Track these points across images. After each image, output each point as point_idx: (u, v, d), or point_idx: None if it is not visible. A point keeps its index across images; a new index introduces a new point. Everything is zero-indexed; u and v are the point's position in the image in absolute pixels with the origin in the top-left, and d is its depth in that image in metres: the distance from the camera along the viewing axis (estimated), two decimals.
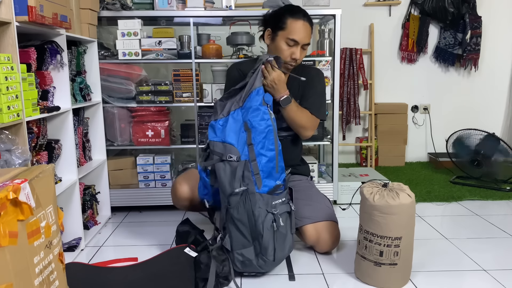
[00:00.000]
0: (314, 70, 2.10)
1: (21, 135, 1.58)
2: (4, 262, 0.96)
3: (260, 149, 1.68)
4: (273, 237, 1.67)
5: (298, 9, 1.89)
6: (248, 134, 1.69)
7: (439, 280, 1.72)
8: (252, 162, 1.67)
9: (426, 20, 3.62)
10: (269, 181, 1.70)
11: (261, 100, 1.72)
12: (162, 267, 1.80)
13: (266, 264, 1.70)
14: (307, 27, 1.86)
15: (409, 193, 1.63)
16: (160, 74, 3.18)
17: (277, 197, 1.71)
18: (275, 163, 1.71)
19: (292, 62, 1.89)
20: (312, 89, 2.00)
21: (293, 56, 1.86)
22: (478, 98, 3.81)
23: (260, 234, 1.64)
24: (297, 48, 1.85)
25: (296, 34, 1.83)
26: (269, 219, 1.66)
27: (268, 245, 1.66)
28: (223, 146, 1.69)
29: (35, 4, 1.56)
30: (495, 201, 2.73)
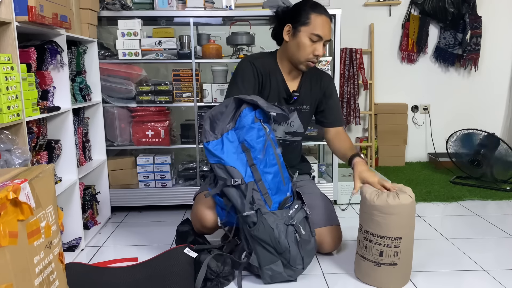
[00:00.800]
0: (326, 75, 2.04)
1: (21, 135, 1.58)
2: (4, 262, 0.96)
3: (263, 168, 1.65)
4: (299, 247, 1.65)
5: (320, 4, 1.85)
6: (247, 154, 1.65)
7: (439, 280, 1.72)
8: (259, 183, 1.63)
9: (426, 20, 3.62)
10: (279, 197, 1.69)
11: (252, 117, 1.66)
12: (162, 268, 1.79)
13: (296, 273, 1.69)
14: (329, 23, 1.82)
15: (409, 194, 1.63)
16: (160, 74, 3.18)
17: (290, 208, 1.69)
18: (280, 176, 1.70)
19: (314, 59, 1.83)
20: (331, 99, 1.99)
21: (315, 52, 1.80)
22: (478, 98, 3.81)
23: (287, 249, 1.62)
24: (319, 44, 1.80)
25: (321, 29, 1.78)
26: (291, 232, 1.64)
27: (296, 256, 1.65)
28: (225, 170, 1.64)
29: (35, 4, 1.56)
30: (495, 201, 2.73)
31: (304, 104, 1.97)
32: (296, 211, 1.69)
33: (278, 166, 1.70)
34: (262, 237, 1.61)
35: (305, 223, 1.71)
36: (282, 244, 1.61)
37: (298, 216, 1.69)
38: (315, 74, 1.99)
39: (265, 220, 1.60)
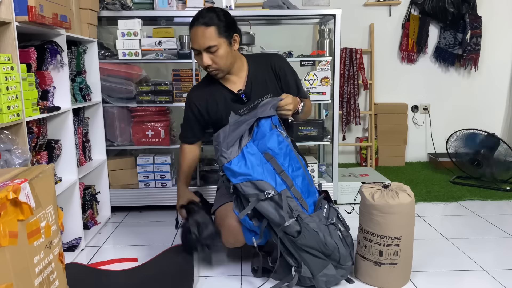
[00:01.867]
0: (273, 57, 1.97)
1: (21, 135, 1.58)
2: (4, 262, 0.96)
3: (292, 172, 1.63)
4: (346, 243, 1.65)
5: (196, 15, 1.77)
6: (273, 162, 1.61)
7: (439, 280, 1.72)
8: (291, 189, 1.61)
9: (426, 20, 3.62)
10: (311, 199, 1.69)
11: (269, 124, 1.64)
12: (161, 268, 1.80)
13: (347, 271, 1.68)
14: (202, 30, 1.71)
15: (409, 193, 1.63)
16: (160, 74, 3.18)
17: (322, 209, 1.68)
18: (307, 177, 1.70)
19: (209, 69, 1.79)
20: (287, 76, 1.92)
21: (202, 64, 1.77)
22: (478, 98, 3.81)
23: (335, 249, 1.60)
24: (202, 55, 1.74)
25: (193, 42, 1.75)
26: (334, 231, 1.63)
27: (346, 253, 1.64)
28: (253, 186, 1.57)
29: (35, 4, 1.56)
30: (495, 201, 2.73)
31: (264, 95, 1.89)
32: (328, 210, 1.69)
33: (303, 168, 1.70)
34: (310, 243, 1.57)
35: (339, 219, 1.72)
36: (329, 245, 1.59)
37: (331, 214, 1.68)
38: (262, 63, 1.92)
39: (308, 226, 1.57)
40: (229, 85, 1.88)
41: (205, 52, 1.74)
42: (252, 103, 1.87)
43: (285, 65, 1.94)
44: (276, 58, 1.96)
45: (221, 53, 1.75)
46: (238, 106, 1.87)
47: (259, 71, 1.90)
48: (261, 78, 1.89)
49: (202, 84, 1.96)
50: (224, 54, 1.76)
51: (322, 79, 2.58)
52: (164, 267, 1.81)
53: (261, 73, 1.90)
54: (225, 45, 1.75)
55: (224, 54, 1.76)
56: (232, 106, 1.86)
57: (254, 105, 1.85)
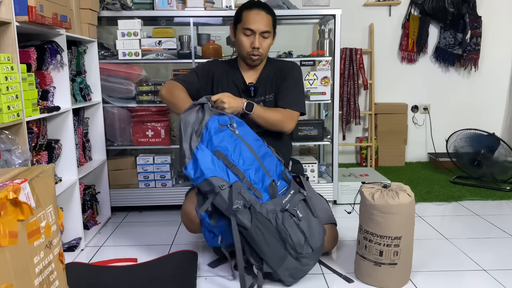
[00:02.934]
0: (289, 63, 2.09)
1: (21, 135, 1.58)
2: (4, 262, 0.96)
3: (242, 166, 1.66)
4: (299, 229, 1.63)
5: (254, 1, 1.94)
6: (224, 159, 1.65)
7: (439, 280, 1.72)
8: (244, 180, 1.64)
9: (426, 20, 3.62)
10: (266, 188, 1.69)
11: (216, 125, 1.69)
12: (163, 270, 1.80)
13: (310, 259, 1.66)
14: (262, 15, 1.89)
15: (409, 193, 1.63)
16: (160, 74, 3.18)
17: (284, 196, 1.70)
18: (263, 169, 1.70)
19: (253, 52, 1.91)
20: (284, 83, 2.01)
21: (253, 45, 1.89)
22: (478, 98, 3.81)
23: (287, 235, 1.60)
24: (255, 37, 1.89)
25: (251, 23, 1.88)
26: (287, 216, 1.63)
27: (299, 240, 1.62)
28: (207, 183, 1.63)
29: (35, 4, 1.56)
30: (495, 201, 2.73)
31: (267, 93, 2.02)
32: (293, 196, 1.70)
33: (258, 160, 1.70)
34: (264, 233, 1.58)
35: (303, 206, 1.71)
36: (281, 230, 1.60)
37: (294, 200, 1.69)
38: (277, 66, 2.05)
39: (259, 214, 1.59)
40: (245, 74, 2.03)
41: (259, 35, 1.90)
42: (256, 98, 2.00)
43: (292, 73, 2.03)
44: (290, 64, 2.08)
45: (268, 42, 1.95)
46: (244, 96, 1.99)
47: (272, 71, 2.03)
48: (270, 79, 2.03)
49: (224, 63, 2.12)
50: (269, 44, 1.96)
51: (322, 79, 2.58)
52: (168, 268, 1.81)
53: (272, 74, 2.03)
54: (271, 38, 1.97)
55: (269, 43, 1.96)
56: (240, 94, 2.00)
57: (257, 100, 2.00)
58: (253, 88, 1.99)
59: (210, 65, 2.08)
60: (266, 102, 2.01)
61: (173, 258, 1.90)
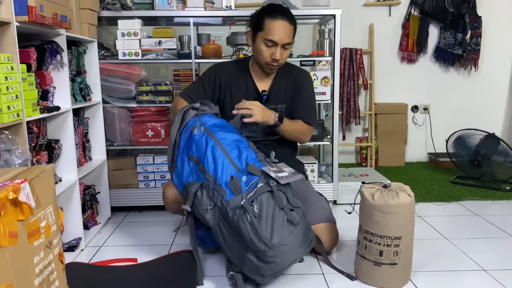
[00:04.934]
0: (302, 72, 2.05)
1: (21, 135, 1.58)
2: (4, 262, 0.96)
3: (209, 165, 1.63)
4: (254, 225, 1.49)
5: (277, 8, 1.85)
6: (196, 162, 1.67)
7: (439, 280, 1.72)
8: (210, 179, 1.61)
9: (426, 20, 3.62)
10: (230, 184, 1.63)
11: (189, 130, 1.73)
12: (163, 270, 1.80)
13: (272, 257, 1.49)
14: (286, 26, 1.82)
15: (409, 193, 1.63)
16: (160, 74, 3.18)
17: (251, 190, 1.56)
18: (230, 163, 1.62)
19: (273, 63, 1.87)
20: (302, 96, 1.97)
21: (273, 56, 1.84)
22: (478, 98, 3.81)
23: (242, 232, 1.51)
24: (276, 48, 1.83)
25: (274, 34, 1.80)
26: (242, 214, 1.52)
27: (252, 236, 1.48)
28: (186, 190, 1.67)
29: (35, 4, 1.56)
30: (495, 201, 2.73)
31: (279, 103, 1.99)
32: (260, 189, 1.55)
33: (224, 154, 1.63)
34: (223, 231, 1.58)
35: (268, 198, 1.55)
36: (238, 229, 1.52)
37: (257, 193, 1.54)
38: (290, 74, 2.00)
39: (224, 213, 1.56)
40: (257, 81, 1.98)
41: (281, 47, 1.84)
42: (268, 106, 1.92)
43: (306, 84, 2.01)
44: (303, 74, 2.04)
45: (288, 52, 1.89)
46: None
47: (284, 78, 1.99)
48: (283, 86, 1.98)
49: (234, 65, 2.04)
50: (289, 53, 1.91)
51: (322, 79, 2.58)
52: (168, 268, 1.81)
53: (285, 81, 1.99)
54: (291, 46, 1.90)
55: (289, 53, 1.91)
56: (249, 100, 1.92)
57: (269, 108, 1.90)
58: (266, 96, 1.95)
59: (217, 70, 2.00)
60: (277, 111, 1.95)
61: (173, 258, 1.90)
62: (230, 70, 1.99)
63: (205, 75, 2.01)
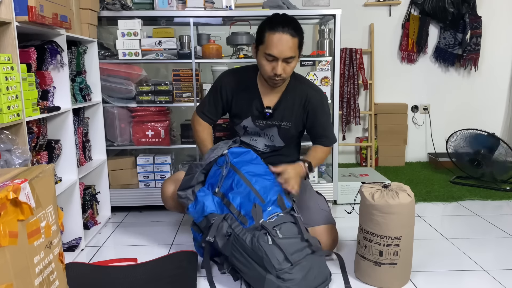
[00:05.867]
0: (317, 94, 1.93)
1: (21, 135, 1.58)
2: (4, 262, 0.96)
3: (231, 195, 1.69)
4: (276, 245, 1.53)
5: (279, 20, 1.72)
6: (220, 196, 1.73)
7: (439, 280, 1.72)
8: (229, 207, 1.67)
9: (426, 20, 3.62)
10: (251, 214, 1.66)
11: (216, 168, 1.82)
12: (164, 270, 1.80)
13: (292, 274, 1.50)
14: (288, 39, 1.68)
15: (409, 193, 1.63)
16: (160, 74, 3.18)
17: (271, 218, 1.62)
18: (254, 195, 1.67)
19: (275, 78, 1.75)
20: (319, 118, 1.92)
21: (274, 71, 1.72)
22: (478, 98, 3.81)
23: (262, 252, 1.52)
24: (277, 63, 1.70)
25: (273, 48, 1.68)
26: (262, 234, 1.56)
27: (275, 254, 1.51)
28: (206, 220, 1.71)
29: (35, 4, 1.56)
30: (495, 201, 2.73)
31: (284, 120, 1.91)
32: (279, 218, 1.62)
33: (249, 187, 1.69)
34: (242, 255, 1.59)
35: (290, 227, 1.62)
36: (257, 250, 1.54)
37: (277, 220, 1.60)
38: (302, 92, 1.89)
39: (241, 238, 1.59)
40: (264, 94, 1.89)
41: (283, 61, 1.71)
42: (271, 121, 1.91)
43: (319, 107, 1.92)
44: (314, 95, 1.91)
45: (292, 65, 1.75)
46: (259, 117, 1.92)
47: (294, 95, 1.90)
48: (291, 103, 1.90)
49: (240, 75, 1.95)
50: (293, 67, 1.77)
51: (322, 79, 2.58)
52: (168, 268, 1.81)
53: (294, 98, 1.90)
54: (297, 59, 1.77)
55: (293, 67, 1.77)
56: (253, 114, 1.91)
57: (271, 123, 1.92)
58: (269, 113, 1.88)
59: (222, 82, 1.93)
60: (280, 128, 1.93)
61: (173, 258, 1.90)
62: (234, 82, 1.92)
63: (212, 88, 1.98)
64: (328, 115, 1.98)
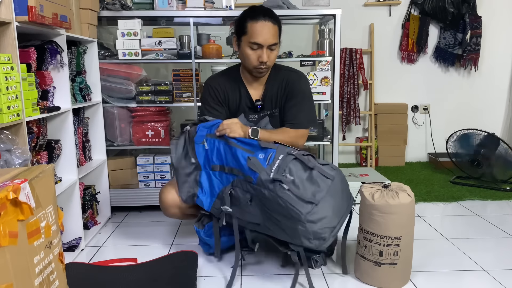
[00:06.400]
0: (294, 75, 1.97)
1: (21, 135, 1.58)
2: (4, 262, 0.96)
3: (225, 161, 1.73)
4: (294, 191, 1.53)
5: (259, 9, 1.80)
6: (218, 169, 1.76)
7: (439, 280, 1.72)
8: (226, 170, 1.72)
9: (426, 20, 3.62)
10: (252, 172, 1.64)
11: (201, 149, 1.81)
12: (164, 270, 1.79)
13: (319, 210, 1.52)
14: (270, 26, 1.77)
15: (409, 193, 1.63)
16: (160, 74, 3.18)
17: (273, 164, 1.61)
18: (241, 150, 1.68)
19: (261, 66, 1.82)
20: (291, 101, 1.91)
21: (260, 59, 1.79)
22: (478, 98, 3.81)
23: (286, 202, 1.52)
24: (262, 50, 1.78)
25: (258, 37, 1.76)
26: (278, 185, 1.54)
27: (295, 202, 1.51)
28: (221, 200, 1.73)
29: (35, 4, 1.56)
30: (495, 201, 2.73)
31: (273, 108, 1.97)
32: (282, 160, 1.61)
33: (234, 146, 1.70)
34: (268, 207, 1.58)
35: (295, 163, 1.61)
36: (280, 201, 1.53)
37: (283, 164, 1.59)
38: (280, 77, 1.94)
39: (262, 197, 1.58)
40: (250, 89, 1.96)
41: (268, 48, 1.79)
42: (262, 113, 1.96)
43: (298, 87, 1.92)
44: (294, 76, 1.95)
45: (275, 53, 1.84)
46: (251, 112, 1.96)
47: (276, 84, 1.94)
48: (275, 90, 1.94)
49: (223, 76, 1.99)
50: (276, 54, 1.85)
51: (322, 79, 2.58)
52: (168, 268, 1.81)
53: (276, 85, 1.94)
54: (279, 46, 1.86)
55: (276, 54, 1.85)
56: (245, 110, 1.96)
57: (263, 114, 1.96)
58: (260, 105, 1.93)
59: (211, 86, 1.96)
60: (272, 116, 1.98)
61: (173, 258, 1.90)
62: (221, 82, 1.95)
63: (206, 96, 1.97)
64: (302, 97, 1.93)
